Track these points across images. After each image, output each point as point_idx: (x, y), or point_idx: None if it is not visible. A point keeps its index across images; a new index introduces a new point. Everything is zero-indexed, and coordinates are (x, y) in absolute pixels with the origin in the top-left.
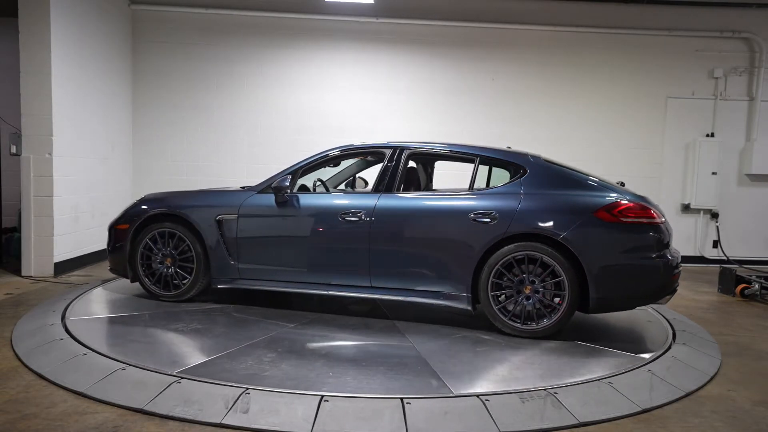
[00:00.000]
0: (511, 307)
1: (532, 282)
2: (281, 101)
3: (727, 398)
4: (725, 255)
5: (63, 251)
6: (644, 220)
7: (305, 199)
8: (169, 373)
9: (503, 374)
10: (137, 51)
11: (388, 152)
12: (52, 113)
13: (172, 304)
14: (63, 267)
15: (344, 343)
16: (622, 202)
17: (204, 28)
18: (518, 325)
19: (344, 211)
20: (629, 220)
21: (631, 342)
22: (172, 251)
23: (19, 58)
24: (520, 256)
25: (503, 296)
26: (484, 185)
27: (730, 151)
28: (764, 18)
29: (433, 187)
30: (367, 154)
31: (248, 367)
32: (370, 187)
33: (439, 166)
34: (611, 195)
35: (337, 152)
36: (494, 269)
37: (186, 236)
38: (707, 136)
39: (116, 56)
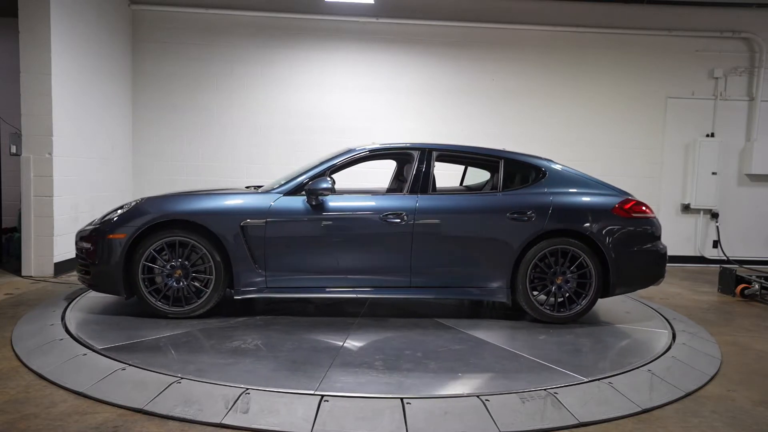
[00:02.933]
0: (543, 297)
1: (563, 273)
2: (281, 101)
3: (727, 398)
4: (725, 255)
5: (63, 251)
6: (645, 215)
7: (344, 202)
8: (319, 393)
9: (596, 358)
10: (137, 51)
11: (417, 154)
12: (52, 113)
13: (181, 320)
14: (63, 267)
15: (428, 344)
16: (630, 199)
17: (204, 28)
18: (553, 312)
19: (386, 212)
20: (636, 215)
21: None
22: (184, 262)
23: (19, 58)
24: (552, 250)
25: (538, 287)
26: (458, 184)
27: (730, 151)
28: (764, 18)
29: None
30: (396, 155)
31: (389, 376)
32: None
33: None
34: (618, 194)
35: (366, 152)
36: (531, 263)
37: (202, 245)
38: (707, 136)
39: (116, 56)
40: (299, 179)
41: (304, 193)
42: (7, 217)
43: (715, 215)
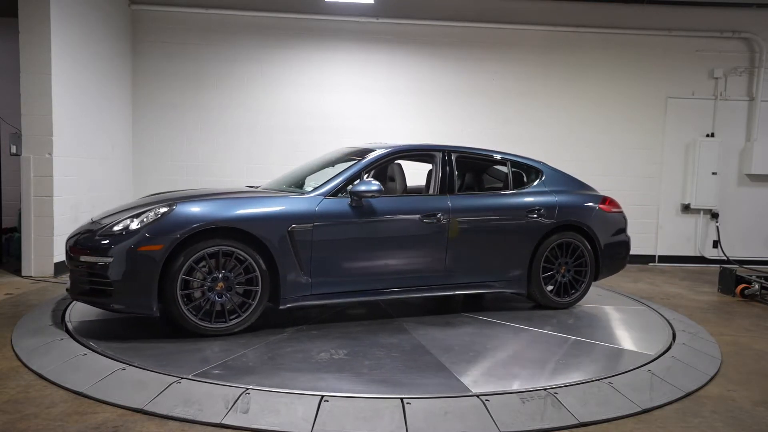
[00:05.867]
0: (550, 287)
1: (566, 263)
2: (281, 101)
3: (727, 398)
4: (725, 255)
5: (63, 251)
6: (620, 210)
7: (385, 203)
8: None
9: (640, 336)
10: (137, 51)
11: (439, 155)
12: (52, 113)
13: (221, 336)
14: (63, 267)
15: (497, 338)
16: (608, 196)
17: (204, 28)
18: (558, 298)
19: (424, 213)
20: (614, 210)
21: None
22: (228, 273)
23: (19, 58)
24: (559, 243)
25: (546, 276)
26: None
27: (730, 151)
28: (764, 18)
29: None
30: (419, 156)
31: (511, 370)
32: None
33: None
34: (594, 190)
35: (394, 153)
36: (544, 255)
37: (247, 253)
38: (707, 136)
39: (116, 56)
40: (337, 181)
41: (343, 195)
42: (7, 217)
43: (715, 215)
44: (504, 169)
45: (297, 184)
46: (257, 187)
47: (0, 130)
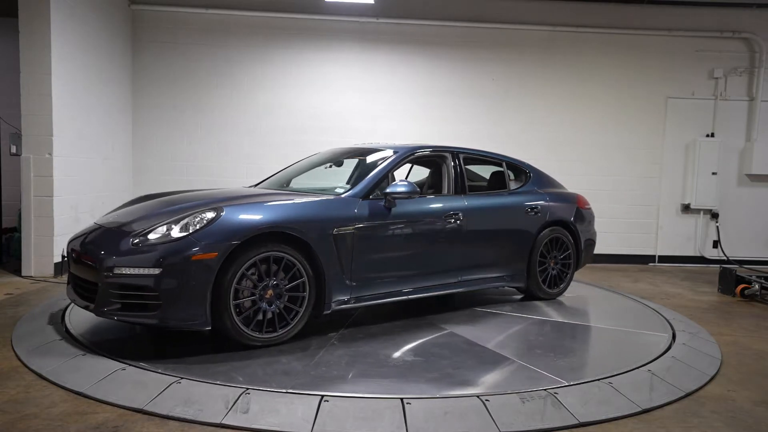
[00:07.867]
0: (541, 279)
1: (555, 257)
2: (281, 101)
3: (727, 398)
4: (725, 255)
5: (64, 252)
6: (589, 207)
7: (414, 204)
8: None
9: (653, 325)
10: (137, 51)
11: (451, 156)
12: (52, 113)
13: (270, 347)
14: (63, 267)
15: (529, 334)
16: (581, 195)
17: (204, 28)
18: (550, 290)
19: (447, 213)
20: (586, 207)
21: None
22: (281, 281)
23: (19, 58)
24: (550, 239)
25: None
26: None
27: (730, 151)
28: (764, 18)
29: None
30: (433, 157)
31: (561, 361)
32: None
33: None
34: (569, 189)
35: (411, 154)
36: (539, 251)
37: (295, 258)
38: (707, 136)
39: (116, 56)
40: (367, 182)
41: (374, 196)
42: (7, 217)
43: (715, 215)
44: (501, 169)
45: (298, 184)
46: (254, 187)
47: (0, 130)
